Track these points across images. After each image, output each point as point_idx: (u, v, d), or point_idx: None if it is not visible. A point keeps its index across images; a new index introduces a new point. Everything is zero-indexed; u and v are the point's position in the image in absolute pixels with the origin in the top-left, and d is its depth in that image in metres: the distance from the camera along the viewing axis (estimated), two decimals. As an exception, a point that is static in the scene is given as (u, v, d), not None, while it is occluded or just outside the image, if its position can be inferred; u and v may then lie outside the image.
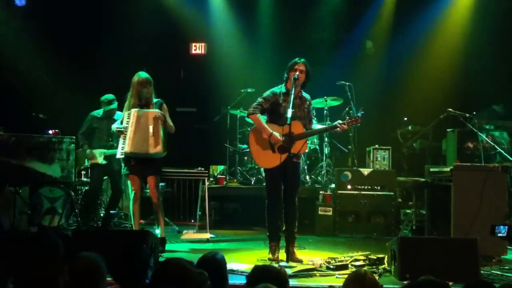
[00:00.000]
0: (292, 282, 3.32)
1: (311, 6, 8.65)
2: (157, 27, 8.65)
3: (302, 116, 5.17)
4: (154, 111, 5.49)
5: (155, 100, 5.61)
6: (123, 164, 5.60)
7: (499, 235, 4.05)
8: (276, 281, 2.43)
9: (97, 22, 8.34)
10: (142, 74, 5.56)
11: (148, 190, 5.76)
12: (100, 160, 6.59)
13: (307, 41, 8.50)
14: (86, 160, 6.90)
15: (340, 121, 5.19)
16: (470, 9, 8.33)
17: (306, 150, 5.43)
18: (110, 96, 6.60)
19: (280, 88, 5.22)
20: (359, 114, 5.15)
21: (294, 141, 4.97)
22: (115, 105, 6.56)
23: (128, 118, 5.49)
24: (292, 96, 4.97)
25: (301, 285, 4.23)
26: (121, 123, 5.59)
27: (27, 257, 2.26)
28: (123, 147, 5.46)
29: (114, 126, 5.73)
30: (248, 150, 7.07)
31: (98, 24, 8.37)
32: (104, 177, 6.87)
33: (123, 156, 5.50)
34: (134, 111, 5.48)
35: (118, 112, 6.39)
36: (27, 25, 8.40)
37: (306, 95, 5.29)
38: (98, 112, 6.66)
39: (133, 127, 5.42)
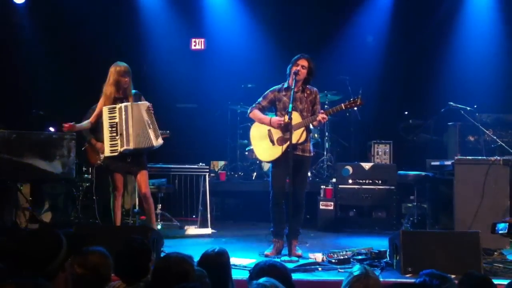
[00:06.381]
0: (294, 276, 3.31)
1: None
2: (157, 22, 8.63)
3: (305, 109, 5.15)
4: (144, 103, 5.28)
5: (133, 91, 5.35)
6: (109, 162, 5.33)
7: (500, 232, 4.04)
8: (279, 276, 2.42)
9: (97, 19, 8.30)
10: (121, 63, 5.29)
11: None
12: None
13: (306, 34, 8.44)
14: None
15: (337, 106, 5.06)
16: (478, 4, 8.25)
17: (311, 147, 5.30)
18: None
19: (282, 84, 5.25)
20: (358, 97, 5.00)
21: (292, 130, 4.88)
22: None
23: (113, 113, 5.21)
24: (293, 91, 4.98)
25: (303, 280, 4.22)
26: (99, 117, 5.28)
27: (30, 253, 2.23)
28: (117, 144, 5.19)
29: None
30: (251, 147, 7.07)
31: (98, 21, 8.32)
32: None
33: (116, 154, 5.21)
34: (122, 106, 5.20)
35: None
36: (26, 22, 8.38)
37: (312, 88, 5.25)
38: None
39: (131, 122, 5.18)
